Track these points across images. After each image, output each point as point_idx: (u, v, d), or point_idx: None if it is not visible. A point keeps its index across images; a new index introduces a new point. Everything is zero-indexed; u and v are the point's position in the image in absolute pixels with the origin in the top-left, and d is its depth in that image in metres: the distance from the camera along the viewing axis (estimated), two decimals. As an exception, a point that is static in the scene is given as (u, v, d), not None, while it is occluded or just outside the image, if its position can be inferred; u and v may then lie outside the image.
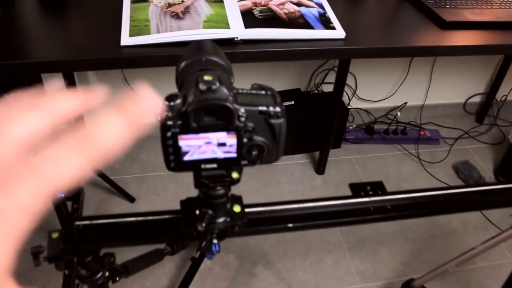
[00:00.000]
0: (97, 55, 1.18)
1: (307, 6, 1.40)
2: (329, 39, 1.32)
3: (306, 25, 1.32)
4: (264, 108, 0.60)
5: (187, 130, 0.58)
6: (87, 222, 0.83)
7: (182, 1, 1.34)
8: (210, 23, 1.25)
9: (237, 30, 1.25)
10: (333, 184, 2.32)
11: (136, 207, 2.08)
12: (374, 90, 2.60)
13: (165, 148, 0.60)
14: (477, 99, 2.88)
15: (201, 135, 0.60)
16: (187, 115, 0.55)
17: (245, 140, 0.60)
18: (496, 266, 2.03)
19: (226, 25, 1.25)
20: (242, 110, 0.58)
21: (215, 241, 0.81)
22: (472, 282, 1.95)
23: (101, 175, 2.02)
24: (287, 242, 2.02)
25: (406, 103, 2.67)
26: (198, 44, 0.75)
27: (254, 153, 0.62)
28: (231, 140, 0.62)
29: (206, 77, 0.56)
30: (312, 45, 1.30)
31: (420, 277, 1.60)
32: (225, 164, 0.64)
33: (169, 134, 0.58)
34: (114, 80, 2.23)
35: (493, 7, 1.70)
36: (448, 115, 2.87)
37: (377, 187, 0.99)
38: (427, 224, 2.17)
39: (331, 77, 2.42)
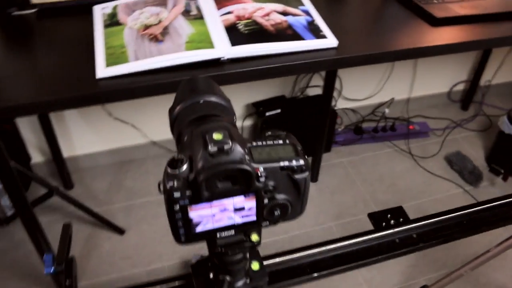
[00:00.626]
0: (71, 92, 1.07)
1: (293, 15, 1.31)
2: (321, 49, 1.23)
3: (296, 36, 1.23)
4: (286, 163, 0.51)
5: (198, 200, 0.49)
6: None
7: (160, 21, 1.23)
8: (193, 44, 1.15)
9: (223, 49, 1.15)
10: (328, 191, 2.25)
11: (127, 239, 1.96)
12: (359, 89, 2.53)
13: (172, 222, 0.51)
14: (461, 86, 2.84)
15: (215, 202, 0.51)
16: (198, 184, 0.46)
17: (266, 201, 0.52)
18: (502, 257, 1.98)
19: (211, 45, 1.15)
20: (261, 168, 0.49)
21: None
22: (480, 277, 1.90)
23: (85, 209, 1.90)
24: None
25: (393, 98, 2.61)
26: (191, 83, 0.64)
27: (277, 213, 0.54)
28: (250, 203, 0.52)
29: (216, 136, 0.47)
30: (304, 57, 1.21)
31: (434, 284, 1.53)
32: (244, 229, 0.56)
33: (177, 207, 0.49)
34: (97, 114, 2.11)
35: (479, -3, 1.64)
36: (433, 105, 2.82)
37: (398, 214, 0.91)
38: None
39: (316, 80, 2.34)
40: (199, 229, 0.53)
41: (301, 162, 0.52)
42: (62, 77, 1.11)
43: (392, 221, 0.86)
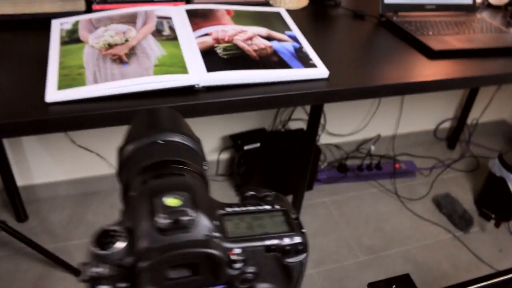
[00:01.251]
0: (14, 118, 0.89)
1: (279, 40, 1.16)
2: (310, 80, 1.08)
3: (282, 64, 1.08)
4: (274, 242, 0.36)
5: None
6: None
7: (126, 40, 1.07)
8: (162, 68, 0.98)
9: (198, 75, 0.99)
10: (309, 234, 2.07)
11: (83, 282, 1.75)
12: (344, 124, 2.40)
13: None
14: (447, 124, 2.73)
15: None
16: (137, 275, 0.31)
17: None
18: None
19: (183, 69, 0.99)
20: (236, 250, 0.34)
21: None
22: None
23: (36, 246, 1.68)
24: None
25: (379, 135, 2.48)
26: (149, 115, 0.47)
27: None
28: None
29: (170, 201, 0.32)
30: (291, 88, 1.06)
31: None
32: None
33: None
34: (58, 141, 1.91)
35: (475, 32, 1.54)
36: (419, 143, 2.71)
37: (404, 284, 0.74)
38: (417, 272, 1.95)
39: (299, 113, 2.20)
40: None
41: (297, 239, 0.36)
42: (7, 99, 0.93)
43: (399, 295, 0.69)
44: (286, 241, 0.36)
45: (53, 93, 0.92)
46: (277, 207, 0.38)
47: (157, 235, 0.31)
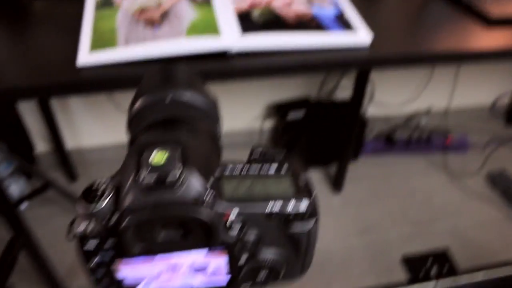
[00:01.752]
0: (49, 79, 0.90)
1: (320, 6, 1.11)
2: (351, 46, 1.03)
3: (321, 29, 1.03)
4: (276, 208, 0.32)
5: (125, 254, 0.32)
6: None
7: (160, 4, 1.05)
8: (195, 30, 0.96)
9: (231, 38, 0.96)
10: (353, 204, 2.04)
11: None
12: (394, 94, 2.31)
13: (96, 282, 0.35)
14: (505, 99, 2.57)
15: (159, 257, 0.33)
16: (120, 233, 0.30)
17: (243, 259, 0.34)
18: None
19: (217, 33, 0.97)
20: (233, 213, 0.31)
21: None
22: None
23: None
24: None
25: (431, 107, 2.38)
26: (162, 72, 0.45)
27: (262, 277, 0.36)
28: (216, 261, 0.34)
29: (156, 157, 0.30)
30: (330, 53, 1.01)
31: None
32: None
33: (94, 263, 0.32)
34: (104, 106, 1.95)
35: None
36: (474, 117, 2.57)
37: (442, 261, 0.70)
38: (463, 248, 1.88)
39: (345, 83, 2.14)
40: None
41: (302, 207, 0.33)
42: (43, 61, 0.95)
43: (433, 270, 0.65)
44: (289, 207, 0.32)
45: (85, 56, 0.93)
46: (285, 169, 0.34)
47: (141, 193, 0.29)
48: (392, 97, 2.32)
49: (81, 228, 0.30)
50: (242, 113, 2.19)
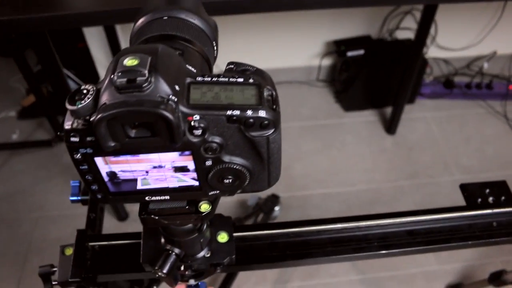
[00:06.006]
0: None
1: None
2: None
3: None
4: (236, 113, 0.36)
5: (101, 149, 0.36)
6: (105, 243, 0.62)
7: None
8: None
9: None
10: (405, 147, 2.04)
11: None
12: (457, 37, 2.23)
13: (81, 174, 0.39)
14: None
15: (143, 156, 0.38)
16: (97, 129, 0.34)
17: (208, 163, 0.38)
18: None
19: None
20: (196, 116, 0.35)
21: (192, 282, 0.57)
22: None
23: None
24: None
25: (495, 52, 2.29)
26: None
27: (228, 181, 0.40)
28: (190, 163, 0.39)
29: (129, 61, 0.34)
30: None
31: (516, 271, 1.33)
32: (183, 196, 0.42)
33: (78, 156, 0.37)
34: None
35: None
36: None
37: (500, 190, 0.72)
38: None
39: (408, 22, 2.08)
40: (116, 188, 0.41)
41: (261, 113, 0.35)
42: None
43: (491, 198, 0.67)
44: (249, 113, 0.35)
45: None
46: (251, 81, 0.37)
47: (115, 92, 0.33)
48: (455, 39, 2.24)
49: (67, 124, 0.35)
50: (301, 50, 2.17)
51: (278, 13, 1.05)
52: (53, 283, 0.61)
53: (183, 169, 0.38)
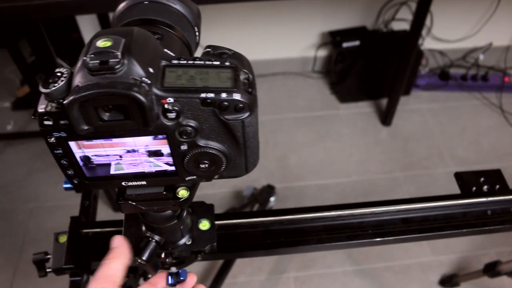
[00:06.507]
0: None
1: None
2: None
3: None
4: (210, 95, 0.35)
5: (75, 133, 0.35)
6: (99, 229, 0.62)
7: None
8: None
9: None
10: (401, 138, 2.04)
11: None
12: (453, 28, 2.23)
13: (56, 159, 0.39)
14: None
15: (116, 140, 0.37)
16: (69, 112, 0.33)
17: (183, 147, 0.38)
18: None
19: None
20: (170, 99, 0.35)
21: (173, 269, 0.57)
22: None
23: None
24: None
25: (491, 44, 2.29)
26: None
27: (204, 166, 0.39)
28: (164, 148, 0.38)
29: (102, 43, 0.33)
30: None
31: (510, 261, 1.34)
32: (160, 181, 0.42)
33: (52, 140, 0.37)
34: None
35: None
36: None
37: (494, 179, 0.72)
38: None
39: (403, 13, 2.08)
40: (92, 173, 0.40)
41: (236, 96, 0.35)
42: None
43: (485, 187, 0.68)
44: (224, 96, 0.35)
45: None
46: (227, 63, 0.36)
47: (87, 74, 0.32)
48: (451, 31, 2.24)
49: (41, 108, 0.35)
50: (296, 41, 2.17)
51: (273, 2, 1.05)
52: (47, 270, 0.61)
53: (157, 154, 0.38)
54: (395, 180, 1.89)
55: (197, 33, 0.47)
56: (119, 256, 0.46)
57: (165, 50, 0.38)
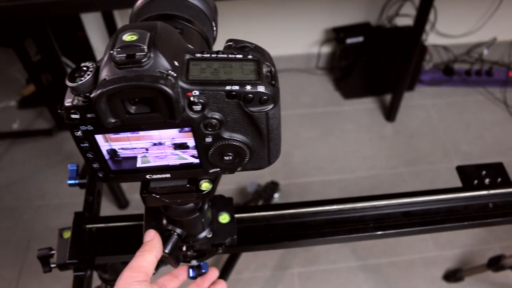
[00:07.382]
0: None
1: None
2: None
3: None
4: (235, 88, 0.35)
5: (102, 126, 0.36)
6: (102, 225, 0.63)
7: None
8: None
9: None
10: (405, 134, 2.04)
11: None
12: (456, 23, 2.23)
13: (82, 152, 0.39)
14: None
15: (143, 133, 0.38)
16: (97, 105, 0.34)
17: (208, 139, 0.38)
18: None
19: None
20: (195, 92, 0.35)
21: (194, 262, 0.57)
22: None
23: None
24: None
25: (495, 38, 2.28)
26: None
27: (229, 158, 0.40)
28: (190, 140, 0.39)
29: (128, 37, 0.34)
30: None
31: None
32: (184, 174, 0.41)
33: (79, 133, 0.37)
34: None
35: None
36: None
37: (496, 172, 0.73)
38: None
39: (407, 8, 2.07)
40: (117, 166, 0.41)
41: (261, 88, 0.35)
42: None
43: (487, 180, 0.68)
44: (248, 88, 0.35)
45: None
46: (250, 57, 0.37)
47: (114, 68, 0.33)
48: (455, 26, 2.24)
49: (67, 101, 0.35)
50: (300, 38, 2.17)
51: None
52: (52, 265, 0.62)
53: (182, 146, 0.39)
54: (399, 176, 1.89)
55: (214, 28, 0.48)
56: (152, 249, 0.47)
57: (187, 44, 0.38)
